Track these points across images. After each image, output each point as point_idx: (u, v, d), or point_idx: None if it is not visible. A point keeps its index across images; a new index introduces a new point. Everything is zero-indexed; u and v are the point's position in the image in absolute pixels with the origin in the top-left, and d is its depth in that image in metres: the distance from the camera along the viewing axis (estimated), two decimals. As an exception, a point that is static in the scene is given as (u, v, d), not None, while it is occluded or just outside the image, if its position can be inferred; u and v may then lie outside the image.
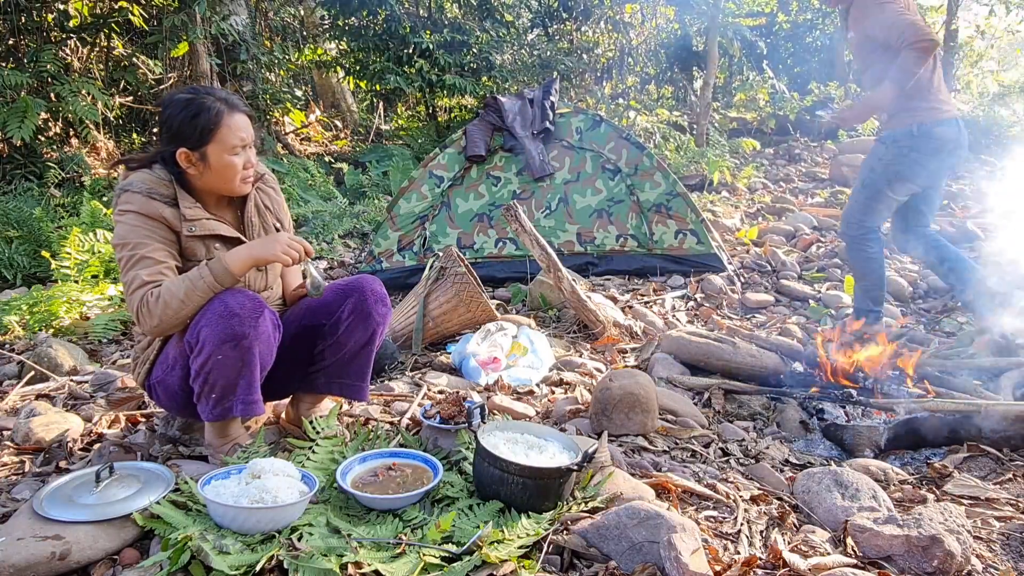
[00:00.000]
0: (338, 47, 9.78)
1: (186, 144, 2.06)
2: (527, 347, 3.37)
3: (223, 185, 2.14)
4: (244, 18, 7.72)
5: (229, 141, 2.07)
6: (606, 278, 5.04)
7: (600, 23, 10.02)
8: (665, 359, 3.31)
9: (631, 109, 9.06)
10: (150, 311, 1.97)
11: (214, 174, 2.10)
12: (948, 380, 3.09)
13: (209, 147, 2.06)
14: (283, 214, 2.39)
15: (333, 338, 2.29)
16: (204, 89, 2.12)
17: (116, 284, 4.19)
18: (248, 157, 2.14)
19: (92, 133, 6.85)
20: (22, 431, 2.45)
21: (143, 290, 1.97)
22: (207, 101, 2.06)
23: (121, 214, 2.05)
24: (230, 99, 2.11)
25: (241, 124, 2.10)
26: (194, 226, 2.10)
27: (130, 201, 2.05)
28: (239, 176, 2.13)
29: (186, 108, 2.05)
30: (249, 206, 2.27)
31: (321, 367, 2.36)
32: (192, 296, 1.96)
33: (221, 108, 2.06)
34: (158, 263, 2.01)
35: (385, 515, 1.90)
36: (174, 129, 2.07)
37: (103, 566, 1.75)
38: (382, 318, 2.31)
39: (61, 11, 7.10)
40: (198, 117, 2.04)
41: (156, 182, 2.09)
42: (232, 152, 2.09)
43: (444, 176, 5.03)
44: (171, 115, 2.08)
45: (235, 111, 2.10)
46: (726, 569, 1.74)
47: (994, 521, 2.10)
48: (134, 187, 2.06)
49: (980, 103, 11.03)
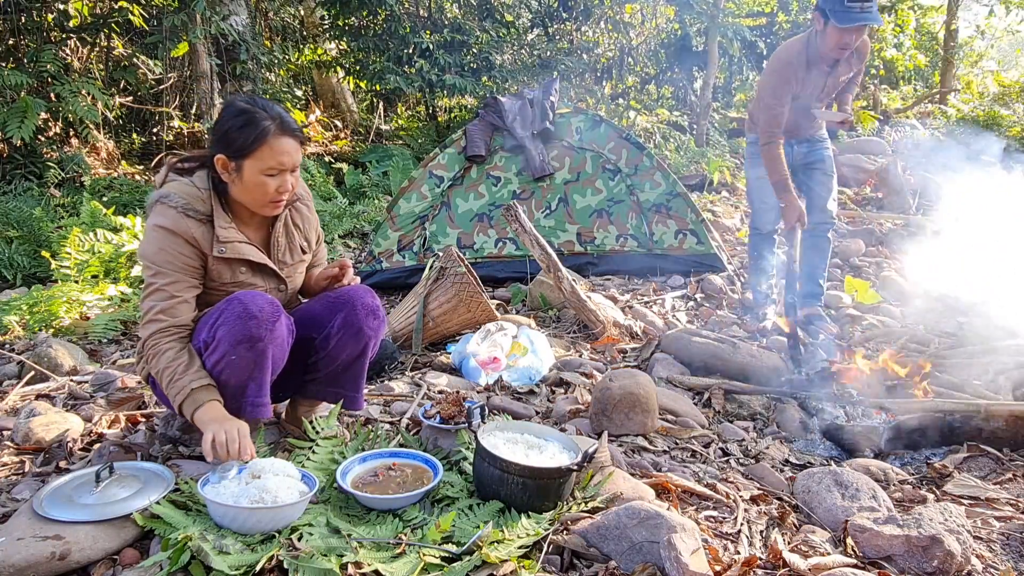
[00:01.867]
0: (338, 47, 9.78)
1: (227, 151, 2.03)
2: (527, 347, 3.37)
3: (249, 202, 2.10)
4: (244, 18, 7.71)
5: (268, 162, 2.02)
6: (606, 278, 5.04)
7: (600, 23, 10.02)
8: (665, 359, 3.31)
9: (631, 109, 9.07)
10: (147, 361, 2.07)
11: (245, 189, 2.06)
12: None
13: (247, 161, 2.02)
14: (312, 233, 2.35)
15: (324, 351, 2.26)
16: (263, 103, 2.06)
17: (116, 284, 4.19)
18: (284, 182, 2.06)
19: (92, 133, 6.86)
20: (22, 431, 2.45)
21: (154, 328, 2.03)
22: (259, 115, 2.01)
23: (154, 228, 2.03)
24: (285, 120, 2.05)
25: (287, 148, 2.03)
26: (225, 248, 2.08)
27: (164, 215, 2.02)
28: (268, 199, 2.07)
29: (239, 116, 2.02)
30: (278, 226, 2.23)
31: (315, 376, 2.34)
32: (169, 392, 2.02)
33: (270, 126, 2.01)
34: (175, 298, 2.03)
35: (385, 515, 1.90)
36: (221, 133, 2.05)
37: (103, 566, 1.75)
38: (373, 331, 2.26)
39: (61, 11, 7.10)
40: (245, 129, 2.00)
41: (193, 197, 2.06)
42: (267, 172, 2.03)
43: (444, 176, 5.03)
44: (224, 118, 2.06)
45: (285, 134, 2.03)
46: (726, 569, 1.74)
47: (994, 521, 2.10)
48: (171, 200, 2.03)
49: (980, 103, 11.03)
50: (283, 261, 2.26)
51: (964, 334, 3.85)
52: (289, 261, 2.27)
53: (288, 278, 2.28)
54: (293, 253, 2.29)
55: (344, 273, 2.33)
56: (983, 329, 3.66)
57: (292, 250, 2.28)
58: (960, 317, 4.16)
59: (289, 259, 2.27)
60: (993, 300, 3.83)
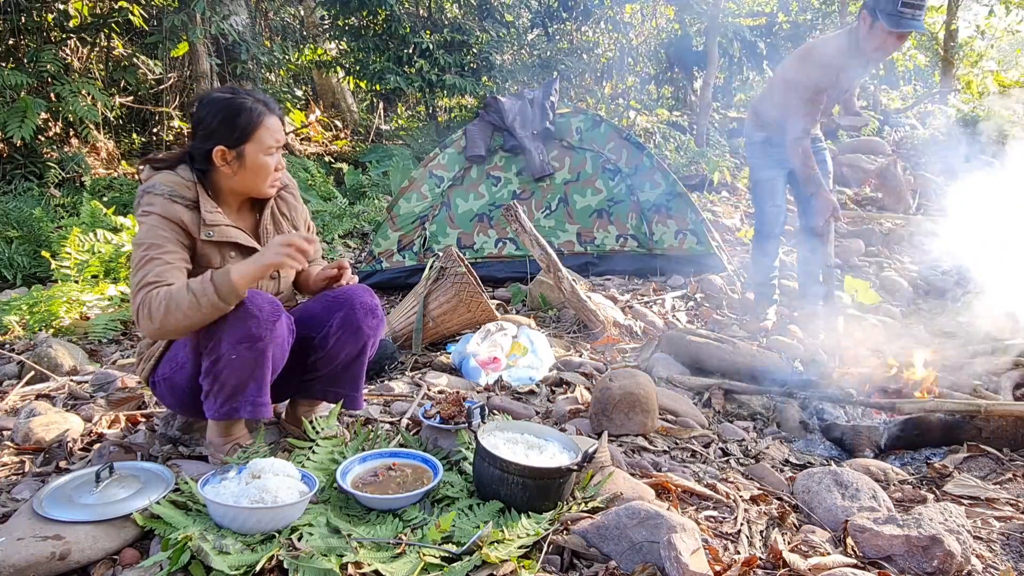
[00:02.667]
0: (338, 47, 9.78)
1: (224, 142, 2.08)
2: (527, 347, 3.37)
3: (253, 186, 2.16)
4: (244, 18, 7.72)
5: (266, 141, 2.11)
6: (606, 278, 5.04)
7: (600, 23, 10.01)
8: (665, 359, 3.31)
9: (631, 109, 9.07)
10: (150, 313, 1.92)
11: (248, 173, 2.13)
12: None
13: (247, 146, 2.09)
14: (299, 221, 2.39)
15: (323, 351, 2.27)
16: (243, 90, 2.15)
17: (116, 284, 4.19)
18: (279, 159, 2.18)
19: (92, 133, 6.86)
20: (22, 431, 2.45)
21: (146, 289, 1.95)
22: (247, 101, 2.10)
23: (143, 215, 2.05)
24: (268, 101, 2.15)
25: (276, 126, 2.15)
26: (212, 231, 2.09)
27: (152, 203, 2.04)
28: (270, 178, 2.17)
29: (228, 106, 2.08)
30: (266, 213, 2.27)
31: (315, 376, 2.34)
32: (195, 313, 1.92)
33: (261, 109, 2.11)
34: (167, 264, 2.00)
35: (385, 515, 1.90)
36: (213, 127, 2.08)
37: (103, 566, 1.75)
38: (372, 330, 2.27)
39: (61, 11, 7.10)
40: (239, 116, 2.08)
41: (179, 184, 2.09)
42: (268, 152, 2.13)
43: (444, 176, 5.03)
44: (209, 113, 2.09)
45: (272, 113, 2.14)
46: (726, 569, 1.74)
47: (994, 521, 2.10)
48: (156, 189, 2.06)
49: (980, 103, 11.03)
50: None
51: (964, 334, 3.85)
52: None
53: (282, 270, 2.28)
54: None
55: (342, 273, 2.34)
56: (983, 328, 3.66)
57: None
58: (960, 317, 4.16)
59: None
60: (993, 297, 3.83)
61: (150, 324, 1.94)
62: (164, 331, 1.97)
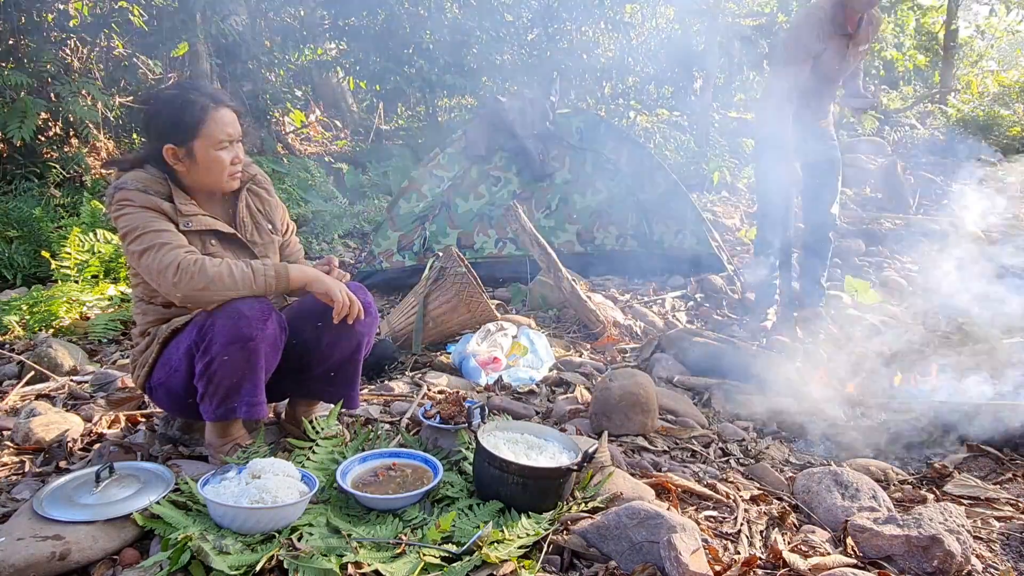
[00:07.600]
0: (338, 47, 9.77)
1: (172, 140, 2.06)
2: (527, 347, 3.37)
3: (210, 181, 2.13)
4: (244, 18, 7.72)
5: (215, 136, 2.07)
6: (606, 278, 5.04)
7: (600, 23, 10.00)
8: (665, 359, 3.31)
9: (631, 109, 9.06)
10: (190, 274, 1.92)
11: (201, 170, 2.10)
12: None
13: (196, 142, 2.06)
14: (275, 216, 2.37)
15: (317, 350, 2.26)
16: (190, 84, 2.13)
17: (116, 284, 4.19)
18: (236, 152, 2.14)
19: (92, 133, 6.85)
20: (22, 431, 2.45)
21: (180, 251, 1.95)
22: (192, 96, 2.06)
23: (120, 208, 2.03)
24: (216, 94, 2.11)
25: (227, 119, 2.10)
26: (190, 221, 2.09)
27: (127, 197, 2.03)
28: (226, 172, 2.13)
29: (171, 104, 2.06)
30: (240, 206, 2.26)
31: (310, 375, 2.34)
32: (244, 282, 1.96)
33: (207, 103, 2.06)
34: (175, 235, 2.00)
35: (385, 515, 1.90)
36: (160, 125, 2.07)
37: (103, 566, 1.75)
38: (366, 328, 2.26)
39: (61, 11, 7.09)
40: (184, 112, 2.04)
41: (150, 180, 2.08)
42: (219, 147, 2.08)
43: (444, 176, 5.02)
44: (157, 111, 2.08)
45: (221, 106, 2.09)
46: (726, 569, 1.74)
47: (994, 521, 2.10)
48: (128, 185, 2.05)
49: (980, 103, 11.03)
50: (252, 240, 2.26)
51: (964, 334, 3.85)
52: (259, 240, 2.28)
53: (262, 257, 2.26)
54: (261, 233, 2.29)
55: (331, 272, 2.33)
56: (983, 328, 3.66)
57: (259, 230, 2.29)
58: (960, 317, 4.16)
59: (258, 238, 2.28)
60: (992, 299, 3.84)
61: (187, 283, 1.93)
62: (193, 294, 1.96)
